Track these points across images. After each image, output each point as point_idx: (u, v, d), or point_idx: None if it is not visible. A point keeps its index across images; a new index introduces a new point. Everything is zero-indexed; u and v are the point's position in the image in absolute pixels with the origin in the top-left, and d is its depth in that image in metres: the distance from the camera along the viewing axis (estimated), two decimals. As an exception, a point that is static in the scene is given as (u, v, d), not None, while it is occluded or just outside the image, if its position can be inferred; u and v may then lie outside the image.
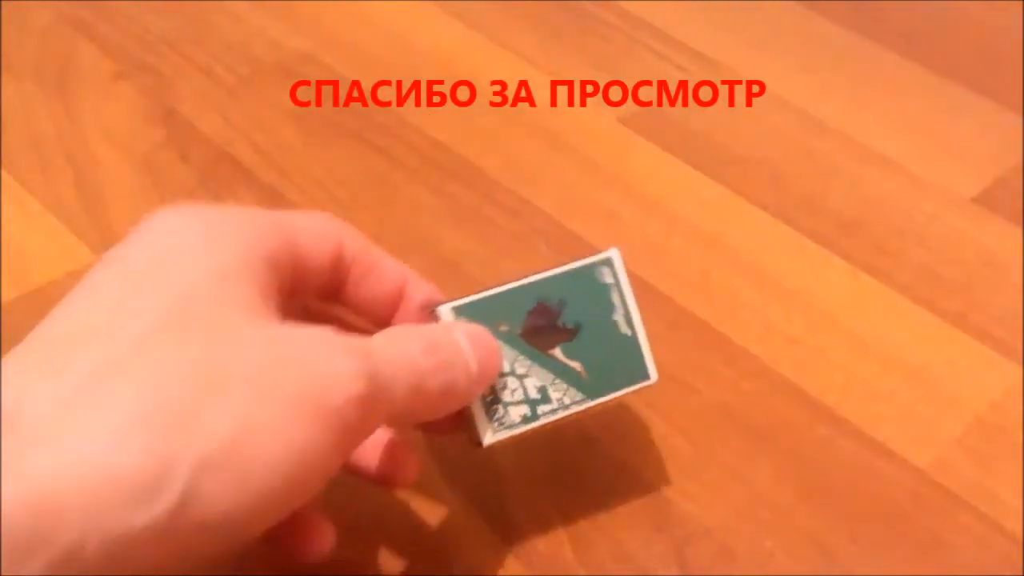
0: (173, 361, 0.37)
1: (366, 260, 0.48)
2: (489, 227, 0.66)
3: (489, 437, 0.47)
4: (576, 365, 0.49)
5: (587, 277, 0.49)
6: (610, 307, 0.50)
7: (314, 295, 0.48)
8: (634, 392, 0.50)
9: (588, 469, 0.54)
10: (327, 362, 0.39)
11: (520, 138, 0.73)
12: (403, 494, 0.53)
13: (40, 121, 0.72)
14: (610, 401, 0.50)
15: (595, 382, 0.49)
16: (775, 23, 0.84)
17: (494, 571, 0.50)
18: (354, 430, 0.40)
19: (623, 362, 0.50)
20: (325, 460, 0.39)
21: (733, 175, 0.70)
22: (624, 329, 0.50)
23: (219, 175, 0.69)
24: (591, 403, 0.49)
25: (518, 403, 0.48)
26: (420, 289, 0.49)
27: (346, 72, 0.77)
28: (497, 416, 0.47)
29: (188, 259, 0.41)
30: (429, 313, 0.47)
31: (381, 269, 0.48)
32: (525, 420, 0.48)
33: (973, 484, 0.55)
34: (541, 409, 0.48)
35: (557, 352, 0.48)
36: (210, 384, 0.37)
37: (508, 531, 0.52)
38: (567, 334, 0.49)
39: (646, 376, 0.50)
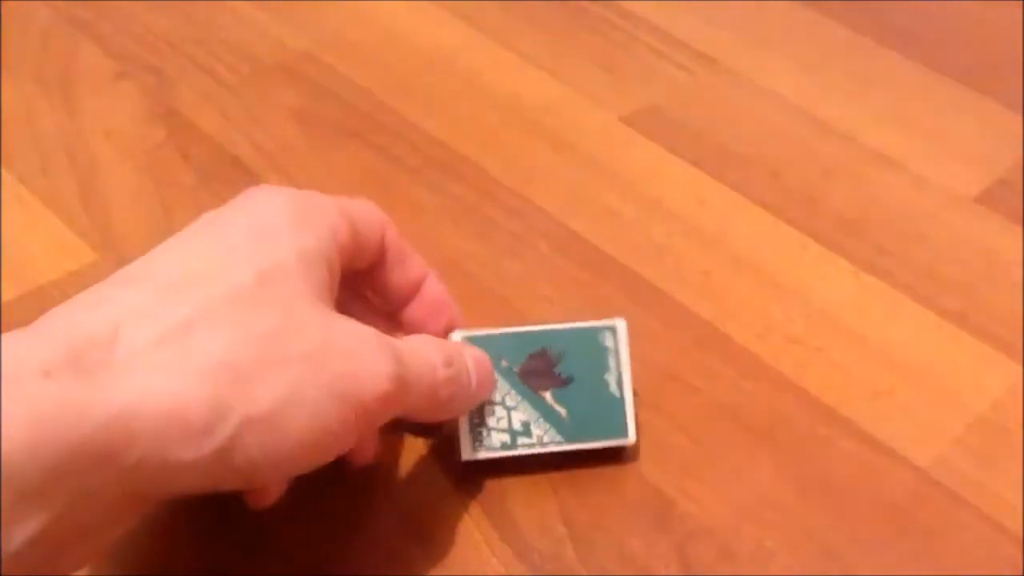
0: (250, 325, 0.42)
1: (399, 251, 0.53)
2: (490, 226, 0.66)
3: (468, 454, 0.52)
4: (561, 410, 0.53)
5: (590, 338, 0.54)
6: (605, 368, 0.54)
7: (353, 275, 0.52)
8: (609, 447, 0.54)
9: (590, 469, 0.54)
10: (369, 359, 0.44)
11: (521, 137, 0.73)
12: (405, 493, 0.53)
13: (41, 120, 0.72)
14: (585, 450, 0.53)
15: (575, 429, 0.53)
16: (777, 22, 0.84)
17: (496, 571, 0.50)
18: (374, 420, 0.46)
19: (605, 418, 0.54)
20: (343, 439, 0.44)
21: (734, 174, 0.70)
22: (613, 390, 0.54)
23: (220, 174, 0.69)
24: (567, 446, 0.53)
25: (501, 430, 0.53)
26: (434, 288, 0.55)
27: (347, 71, 0.77)
28: (480, 438, 0.52)
29: (278, 236, 0.46)
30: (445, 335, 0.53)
31: (409, 261, 0.54)
32: (504, 447, 0.52)
33: (974, 483, 0.55)
34: (521, 440, 0.53)
35: (547, 395, 0.53)
36: (274, 354, 0.42)
37: (510, 531, 0.52)
38: (560, 382, 0.53)
39: (624, 435, 0.54)
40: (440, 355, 0.48)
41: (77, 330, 0.40)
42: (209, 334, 0.41)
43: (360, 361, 0.44)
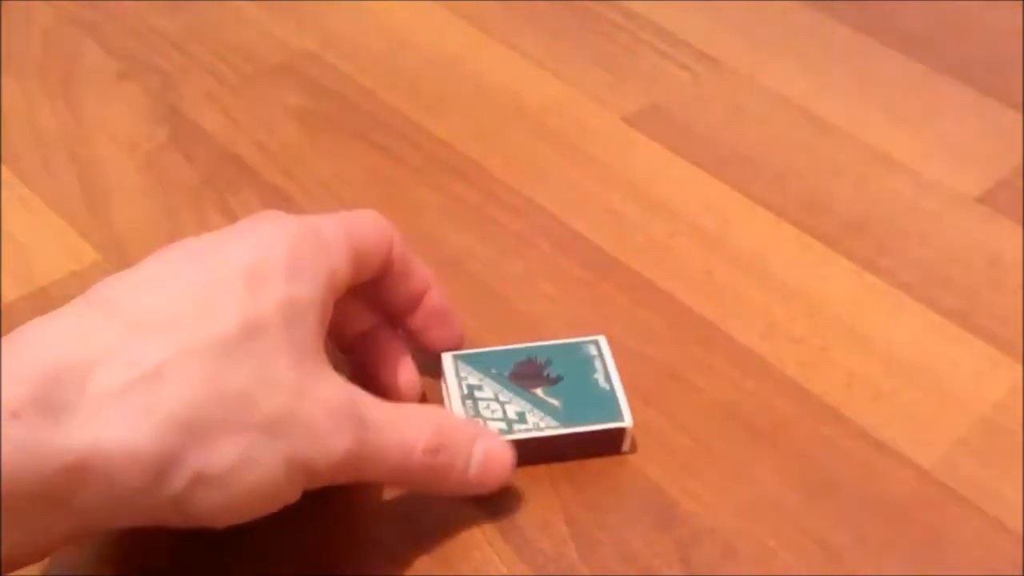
0: (220, 381, 0.43)
1: (403, 264, 0.54)
2: (492, 226, 0.66)
3: None
4: (555, 401, 0.55)
5: (574, 349, 0.57)
6: (592, 370, 0.56)
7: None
8: (608, 431, 0.54)
9: (592, 468, 0.54)
10: (329, 431, 0.45)
11: (524, 137, 0.73)
12: (407, 493, 0.53)
13: (44, 120, 0.72)
14: (584, 435, 0.54)
15: (570, 414, 0.54)
16: (780, 22, 0.84)
17: (498, 571, 0.50)
18: (326, 482, 0.46)
19: (599, 405, 0.55)
20: (290, 497, 0.45)
21: (737, 174, 0.70)
22: (603, 385, 0.55)
23: (223, 174, 0.69)
24: (564, 430, 0.53)
25: (496, 420, 0.54)
26: (437, 298, 0.56)
27: (350, 71, 0.77)
28: None
29: (272, 281, 0.45)
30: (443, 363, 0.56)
31: (413, 273, 0.54)
32: (502, 433, 0.53)
33: (977, 483, 0.55)
34: (517, 427, 0.53)
35: (538, 391, 0.55)
36: (238, 417, 0.43)
37: (512, 531, 0.52)
38: (549, 381, 0.55)
39: (620, 419, 0.54)
40: (425, 438, 0.48)
41: (52, 366, 0.40)
42: (179, 386, 0.42)
43: (317, 431, 0.45)
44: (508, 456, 0.51)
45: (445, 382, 0.56)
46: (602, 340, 0.58)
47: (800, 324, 0.62)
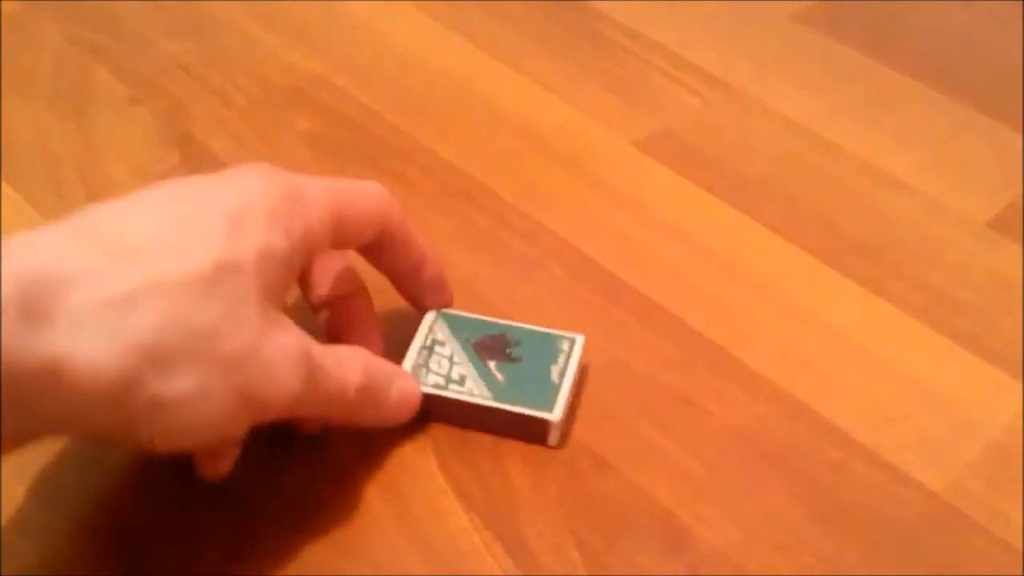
0: (187, 317, 0.45)
1: (401, 235, 0.57)
2: (503, 250, 0.66)
3: None
4: (500, 376, 0.57)
5: (549, 340, 0.59)
6: (553, 362, 0.58)
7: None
8: (533, 418, 0.55)
9: (602, 492, 0.54)
10: (283, 373, 0.48)
11: (534, 161, 0.73)
12: (416, 515, 0.53)
13: (54, 144, 0.72)
14: (510, 414, 0.56)
15: (506, 393, 0.56)
16: (789, 47, 0.85)
17: (508, 594, 0.50)
18: (270, 418, 0.49)
19: (537, 393, 0.56)
20: (237, 430, 0.48)
21: (747, 198, 0.71)
22: (554, 378, 0.57)
23: (233, 198, 0.69)
24: (492, 403, 0.56)
25: (439, 374, 0.57)
26: (433, 269, 0.59)
27: (360, 95, 0.77)
28: (419, 375, 0.57)
29: (250, 228, 0.48)
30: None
31: (410, 245, 0.58)
32: (437, 387, 0.56)
33: (987, 507, 0.55)
34: (453, 387, 0.56)
35: (491, 364, 0.57)
36: (199, 350, 0.45)
37: (523, 554, 0.52)
38: (507, 358, 0.58)
39: (549, 410, 0.56)
40: (357, 378, 0.52)
41: (35, 275, 0.42)
42: (148, 313, 0.44)
43: (274, 373, 0.47)
44: (416, 396, 0.56)
45: (418, 330, 0.59)
46: (579, 339, 0.59)
47: (811, 348, 0.62)
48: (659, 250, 0.67)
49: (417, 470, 0.55)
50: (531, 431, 0.56)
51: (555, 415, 0.55)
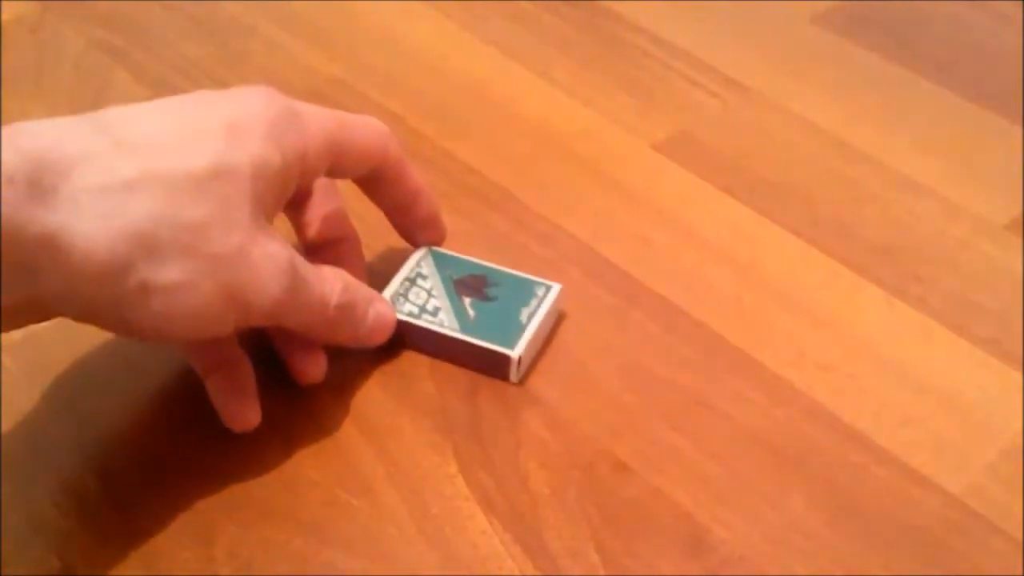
0: (182, 209, 0.48)
1: (397, 172, 0.60)
2: (522, 253, 0.66)
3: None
4: (471, 312, 0.60)
5: (526, 285, 0.62)
6: (524, 305, 0.61)
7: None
8: (496, 353, 0.58)
9: (622, 495, 0.54)
10: (268, 278, 0.50)
11: (553, 164, 0.73)
12: (436, 518, 0.53)
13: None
14: (474, 347, 0.59)
15: (473, 327, 0.59)
16: (808, 49, 0.85)
17: (528, 597, 0.50)
18: (252, 322, 0.52)
19: (503, 331, 0.59)
20: (219, 328, 0.51)
21: (766, 201, 0.71)
22: (523, 319, 0.60)
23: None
24: (459, 336, 0.59)
25: (415, 304, 0.60)
26: (427, 205, 0.63)
27: (379, 98, 0.78)
28: (397, 303, 0.60)
29: (248, 139, 0.51)
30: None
31: (406, 180, 0.61)
32: (410, 315, 0.60)
33: (1006, 510, 0.55)
34: (425, 317, 0.60)
35: (467, 300, 0.61)
36: (191, 243, 0.48)
37: (542, 557, 0.52)
38: (482, 297, 0.61)
39: (511, 347, 0.59)
40: (337, 295, 0.55)
41: (42, 152, 0.45)
42: (144, 202, 0.47)
43: (259, 276, 0.50)
44: (391, 320, 0.59)
45: (405, 263, 0.63)
46: (556, 288, 0.62)
47: (830, 351, 0.62)
48: (678, 253, 0.67)
49: (437, 473, 0.55)
50: (494, 366, 0.59)
51: (516, 352, 0.58)
